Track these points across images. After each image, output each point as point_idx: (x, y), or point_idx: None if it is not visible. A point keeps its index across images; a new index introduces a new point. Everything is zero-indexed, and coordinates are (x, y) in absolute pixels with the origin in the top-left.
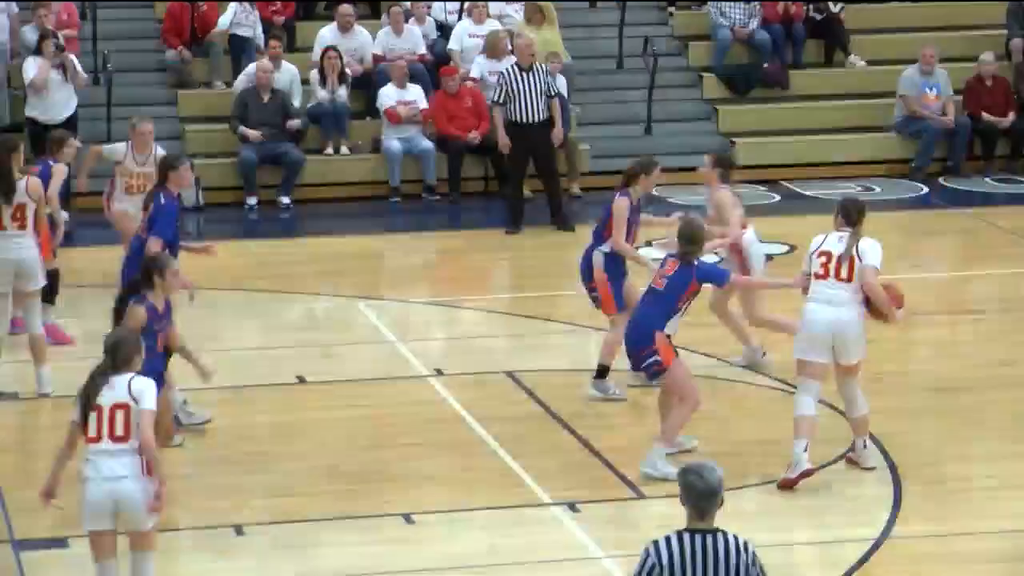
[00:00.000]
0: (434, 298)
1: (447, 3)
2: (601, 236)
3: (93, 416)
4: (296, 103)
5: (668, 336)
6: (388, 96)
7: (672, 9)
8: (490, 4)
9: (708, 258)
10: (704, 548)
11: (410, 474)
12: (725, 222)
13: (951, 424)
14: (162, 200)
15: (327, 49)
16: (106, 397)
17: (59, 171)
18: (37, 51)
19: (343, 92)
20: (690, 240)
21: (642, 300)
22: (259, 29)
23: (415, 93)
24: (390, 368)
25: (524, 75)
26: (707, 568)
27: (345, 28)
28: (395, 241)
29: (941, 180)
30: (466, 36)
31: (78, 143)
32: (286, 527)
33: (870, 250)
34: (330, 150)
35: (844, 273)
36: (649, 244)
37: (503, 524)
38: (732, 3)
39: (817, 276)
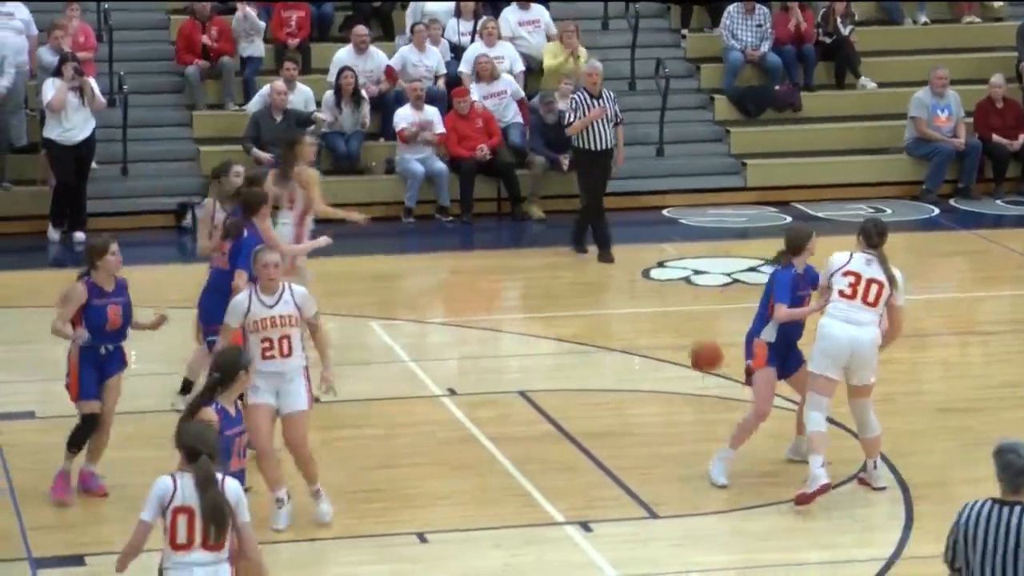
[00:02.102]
0: (447, 318)
1: (460, 24)
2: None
3: (182, 519)
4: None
5: (768, 343)
6: (403, 118)
7: (684, 31)
8: (503, 26)
9: None
10: (999, 516)
11: (423, 493)
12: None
13: (961, 444)
14: (246, 233)
15: (344, 69)
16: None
17: (73, 292)
18: (56, 73)
19: (367, 116)
20: (784, 243)
21: None
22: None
23: (431, 115)
24: (403, 388)
25: (594, 102)
26: (998, 534)
27: (360, 49)
28: (408, 261)
29: (952, 201)
30: (475, 58)
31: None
32: (299, 546)
33: (902, 286)
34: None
35: (872, 297)
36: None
37: (516, 543)
38: (744, 26)
39: (843, 295)
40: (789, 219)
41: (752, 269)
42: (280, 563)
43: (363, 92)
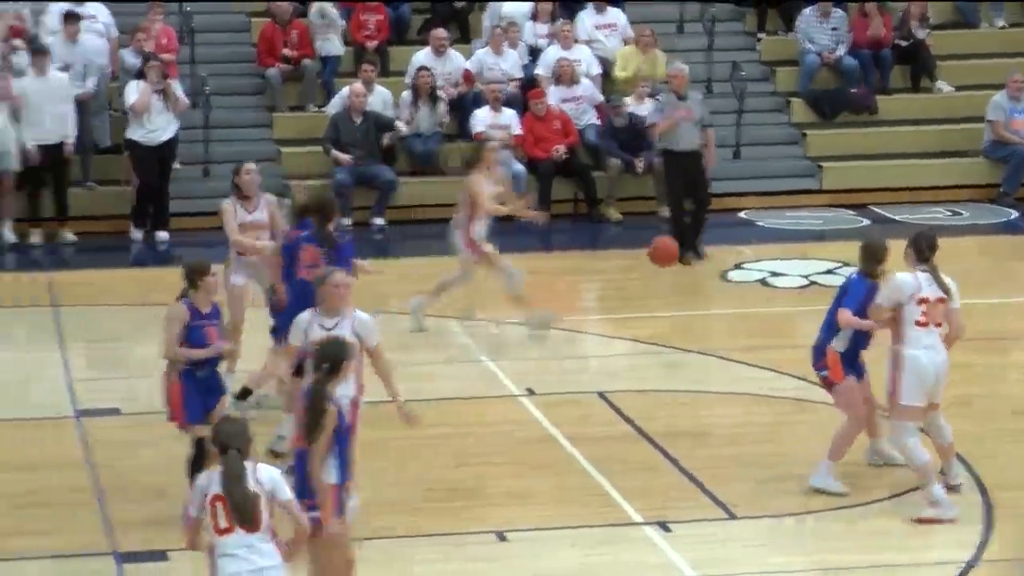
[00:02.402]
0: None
1: (536, 27)
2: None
3: (220, 506)
4: None
5: (840, 353)
6: (481, 120)
7: (760, 35)
8: (579, 29)
9: None
10: None
11: (501, 492)
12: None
13: None
14: (346, 238)
15: (421, 68)
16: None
17: (175, 313)
18: (140, 75)
19: (444, 115)
20: (867, 255)
21: None
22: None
23: (509, 117)
24: (482, 387)
25: (679, 103)
26: None
27: (439, 52)
28: None
29: None
30: (554, 61)
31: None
32: (377, 543)
33: (956, 292)
34: None
35: (940, 317)
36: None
37: (594, 542)
38: (820, 29)
39: (919, 324)
40: (866, 222)
41: (829, 271)
42: (357, 560)
43: (440, 93)
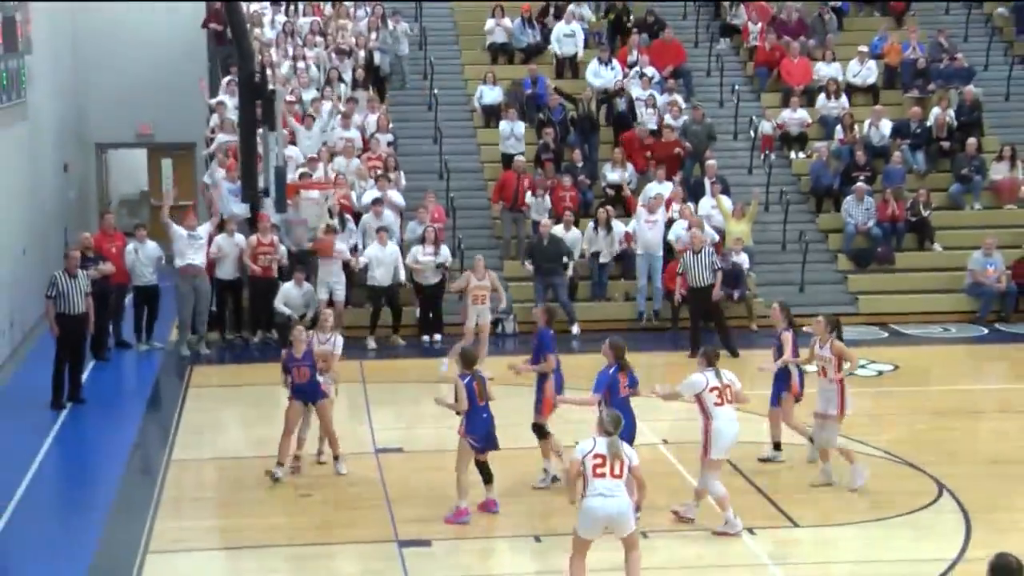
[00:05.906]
0: None
1: (673, 205)
2: None
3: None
4: None
5: None
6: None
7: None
8: (701, 209)
9: None
10: None
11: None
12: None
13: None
14: None
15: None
16: None
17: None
18: (422, 240)
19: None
20: None
21: None
22: None
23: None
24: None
25: (694, 256)
26: None
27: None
28: None
29: (997, 325)
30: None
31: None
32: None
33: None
34: None
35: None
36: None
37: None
38: (857, 209)
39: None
40: (886, 334)
41: (862, 366)
42: None
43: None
